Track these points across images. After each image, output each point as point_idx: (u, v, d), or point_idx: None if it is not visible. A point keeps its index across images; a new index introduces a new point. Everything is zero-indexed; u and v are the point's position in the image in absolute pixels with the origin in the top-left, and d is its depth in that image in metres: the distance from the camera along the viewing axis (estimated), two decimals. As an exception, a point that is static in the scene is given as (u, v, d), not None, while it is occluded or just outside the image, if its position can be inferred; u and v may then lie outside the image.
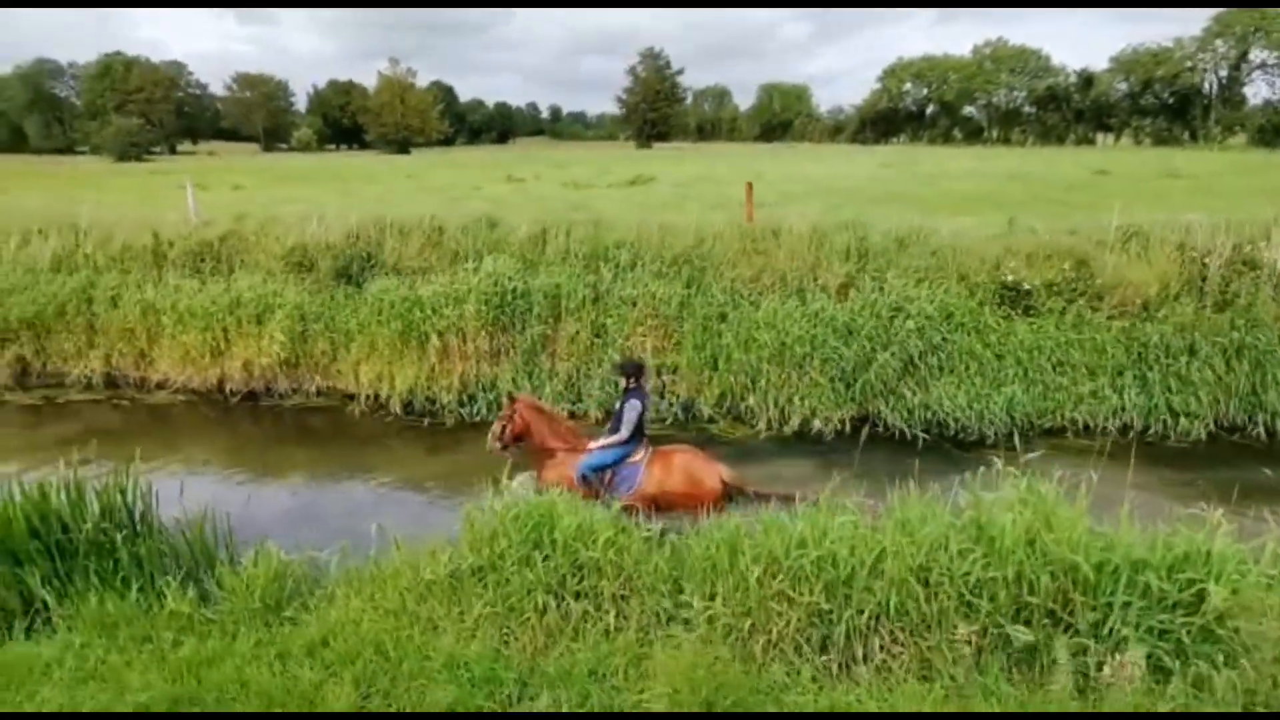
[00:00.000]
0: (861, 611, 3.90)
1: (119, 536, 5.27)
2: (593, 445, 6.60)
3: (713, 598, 4.38)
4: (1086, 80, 75.55)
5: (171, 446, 8.64)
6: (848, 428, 8.54)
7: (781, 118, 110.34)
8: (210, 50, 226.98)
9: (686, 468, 6.42)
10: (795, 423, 8.55)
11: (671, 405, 8.96)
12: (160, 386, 10.17)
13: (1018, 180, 21.30)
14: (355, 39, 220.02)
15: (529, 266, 9.87)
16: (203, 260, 10.79)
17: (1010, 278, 9.17)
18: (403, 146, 78.15)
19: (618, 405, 6.51)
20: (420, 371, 9.15)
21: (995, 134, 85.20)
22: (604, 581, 4.59)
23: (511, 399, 6.96)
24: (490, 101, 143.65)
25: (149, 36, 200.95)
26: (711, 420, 8.79)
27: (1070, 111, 76.40)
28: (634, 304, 9.39)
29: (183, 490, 6.04)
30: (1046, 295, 9.20)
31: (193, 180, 12.80)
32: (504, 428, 6.76)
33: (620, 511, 5.09)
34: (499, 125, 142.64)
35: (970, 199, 16.51)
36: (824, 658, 4.00)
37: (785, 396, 8.70)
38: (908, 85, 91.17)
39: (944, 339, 8.88)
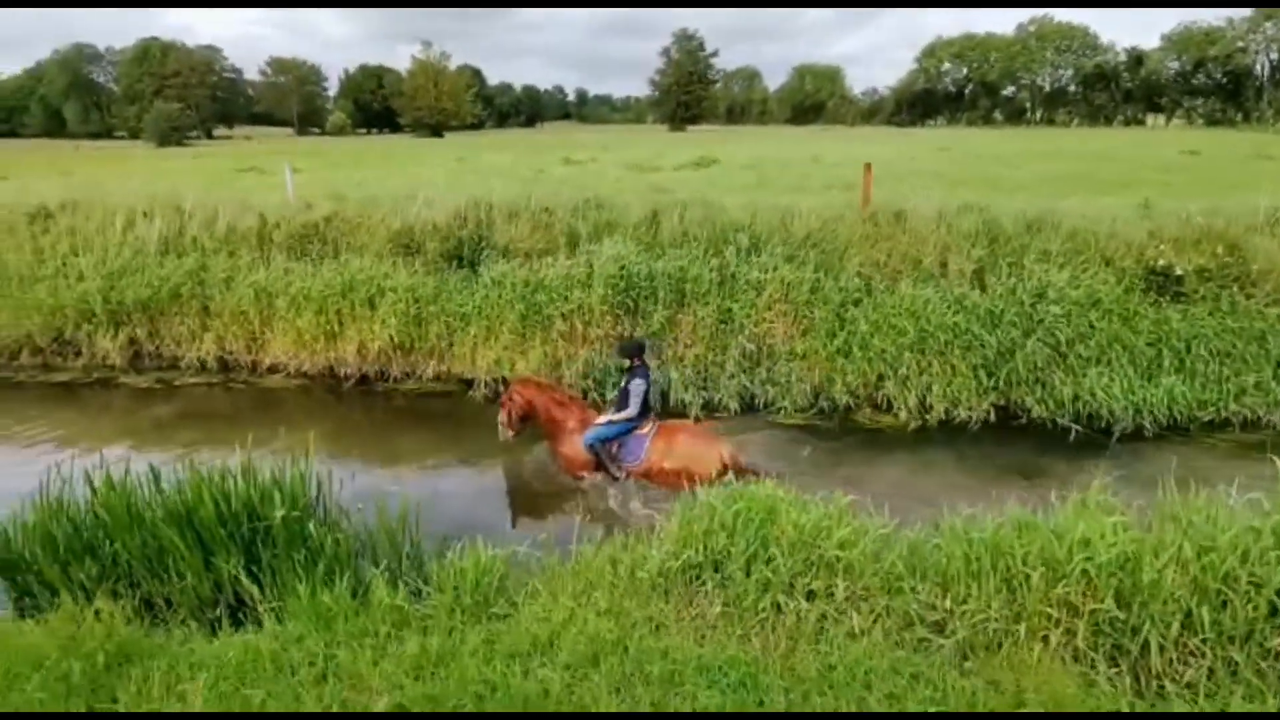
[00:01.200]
0: (1167, 622, 3.62)
1: (311, 524, 5.15)
2: (600, 419, 6.85)
3: (964, 601, 4.14)
4: (1136, 59, 73.25)
5: (289, 431, 8.52)
6: (992, 417, 8.24)
7: (814, 99, 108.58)
8: (237, 35, 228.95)
9: (688, 446, 6.62)
10: (939, 411, 8.24)
11: (801, 395, 8.66)
12: (272, 370, 10.09)
13: (1107, 161, 20.58)
14: (379, 22, 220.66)
15: (647, 249, 9.61)
16: (309, 242, 10.67)
17: (1161, 262, 8.74)
18: (436, 130, 78.09)
19: (622, 384, 6.77)
20: (543, 357, 8.95)
21: (1039, 115, 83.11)
22: (838, 580, 4.36)
23: (506, 383, 7.10)
24: (516, 85, 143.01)
25: (177, 22, 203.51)
26: (850, 409, 8.50)
27: (1119, 91, 74.20)
28: (761, 289, 9.10)
29: (354, 478, 5.92)
30: (1198, 281, 8.76)
31: (291, 164, 12.70)
32: (509, 413, 6.92)
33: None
34: (526, 109, 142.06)
35: (1068, 181, 15.94)
36: (1113, 669, 3.74)
37: (924, 385, 8.39)
38: (946, 65, 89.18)
39: (1091, 326, 8.50)
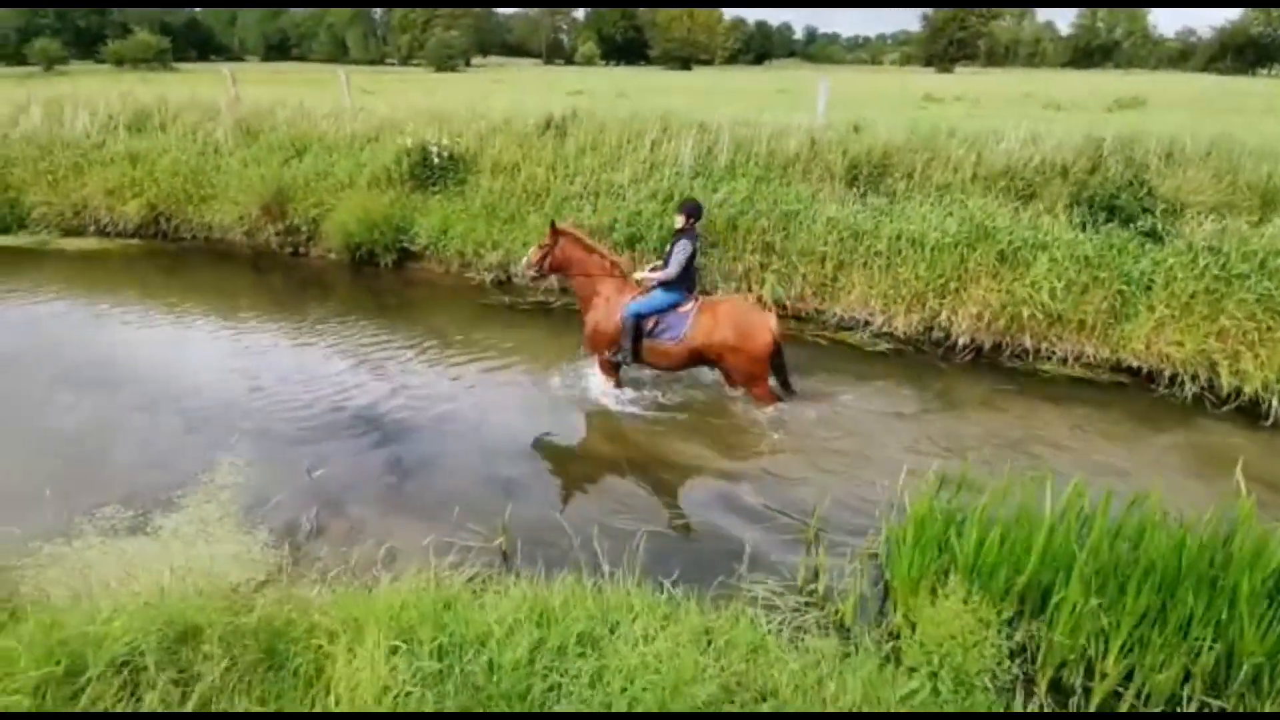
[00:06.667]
0: None
1: None
2: (638, 275, 6.60)
3: None
4: None
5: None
6: None
7: (1103, 41, 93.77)
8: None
9: (736, 317, 6.14)
10: None
11: None
12: (844, 326, 8.57)
13: None
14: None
15: None
16: (882, 176, 8.92)
17: None
18: (685, 63, 76.24)
19: (670, 246, 6.37)
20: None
21: None
22: None
23: (554, 229, 6.64)
24: (749, 20, 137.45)
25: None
26: None
27: None
28: None
29: None
30: None
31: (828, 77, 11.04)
32: (544, 257, 6.61)
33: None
34: (756, 45, 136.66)
35: None
36: None
37: None
38: (1306, 1, 71.90)
39: None
